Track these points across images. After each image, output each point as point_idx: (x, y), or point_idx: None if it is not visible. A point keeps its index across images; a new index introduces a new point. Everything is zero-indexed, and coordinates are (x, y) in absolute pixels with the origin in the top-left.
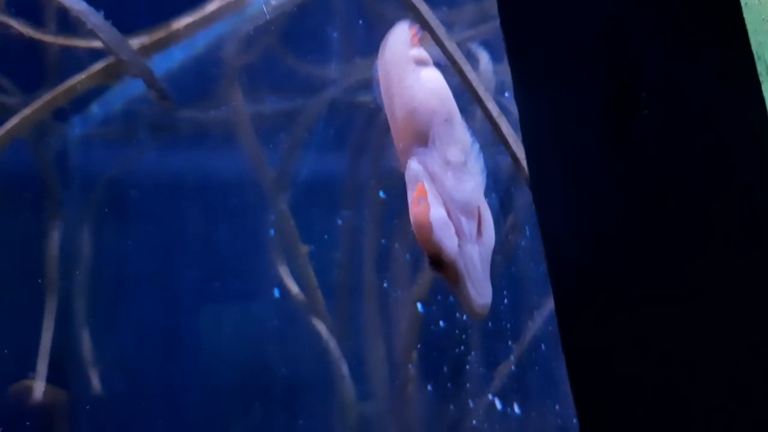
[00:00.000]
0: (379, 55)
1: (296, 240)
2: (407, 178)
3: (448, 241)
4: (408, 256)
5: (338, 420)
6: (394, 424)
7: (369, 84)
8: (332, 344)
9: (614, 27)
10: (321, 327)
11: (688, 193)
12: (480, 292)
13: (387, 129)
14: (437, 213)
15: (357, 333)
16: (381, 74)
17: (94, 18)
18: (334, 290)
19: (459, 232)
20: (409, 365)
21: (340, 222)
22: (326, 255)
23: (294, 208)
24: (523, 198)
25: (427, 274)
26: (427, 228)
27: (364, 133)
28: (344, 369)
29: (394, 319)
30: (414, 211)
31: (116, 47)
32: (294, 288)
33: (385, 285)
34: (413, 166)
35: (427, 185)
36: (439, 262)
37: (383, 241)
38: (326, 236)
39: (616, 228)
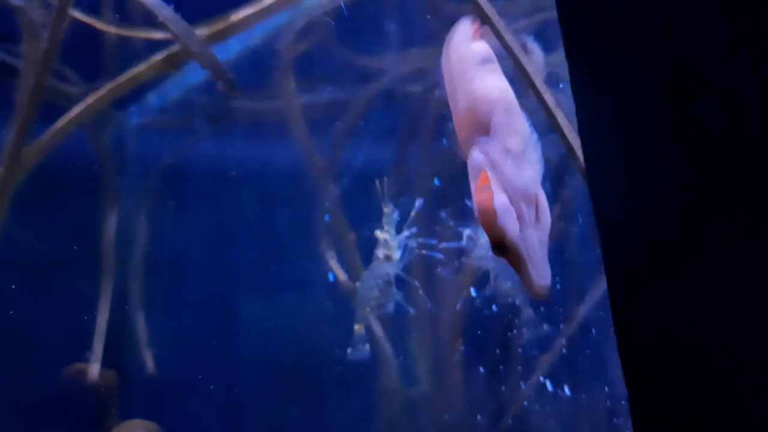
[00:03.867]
0: (444, 49)
1: (344, 227)
2: (470, 167)
3: (511, 226)
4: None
5: (383, 404)
6: (441, 408)
7: (421, 74)
8: (378, 329)
9: (673, 15)
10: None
11: (748, 184)
12: (540, 274)
13: (439, 118)
14: (501, 199)
15: (404, 318)
16: (444, 68)
17: (164, 11)
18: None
19: (520, 218)
20: (456, 349)
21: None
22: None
23: (344, 196)
24: (575, 187)
25: (474, 261)
26: (491, 214)
27: (415, 122)
28: (389, 353)
29: (442, 304)
30: (479, 198)
31: (186, 39)
32: (341, 274)
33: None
34: (476, 156)
35: (489, 173)
36: (502, 246)
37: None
38: (375, 223)
39: (673, 219)
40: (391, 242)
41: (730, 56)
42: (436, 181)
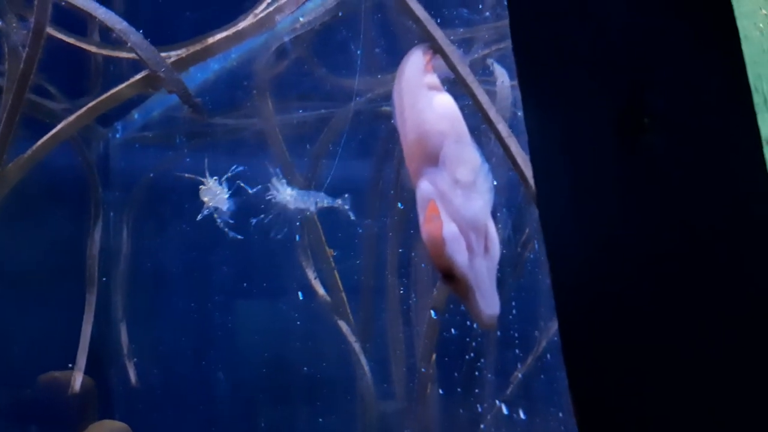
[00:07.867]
0: (396, 80)
1: (322, 244)
2: (418, 197)
3: (459, 256)
4: (424, 264)
5: (358, 418)
6: (413, 424)
7: (390, 96)
8: (354, 345)
9: (622, 50)
10: (344, 328)
11: (692, 213)
12: (489, 303)
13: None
14: (449, 229)
15: (379, 335)
16: (396, 98)
17: (133, 36)
18: (358, 293)
19: (469, 248)
20: (429, 368)
21: (360, 230)
22: (350, 260)
23: (320, 214)
24: (535, 214)
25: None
26: (440, 244)
27: (387, 142)
28: (365, 369)
29: (414, 323)
30: (427, 227)
31: (153, 64)
32: (319, 290)
33: (403, 291)
34: (423, 186)
35: (438, 204)
36: (450, 276)
37: (403, 249)
38: (350, 242)
39: (622, 247)
40: (215, 185)
41: (673, 91)
42: (400, 205)
